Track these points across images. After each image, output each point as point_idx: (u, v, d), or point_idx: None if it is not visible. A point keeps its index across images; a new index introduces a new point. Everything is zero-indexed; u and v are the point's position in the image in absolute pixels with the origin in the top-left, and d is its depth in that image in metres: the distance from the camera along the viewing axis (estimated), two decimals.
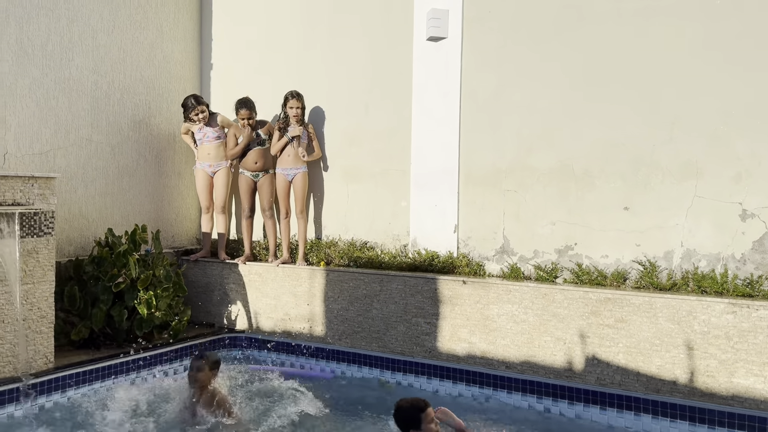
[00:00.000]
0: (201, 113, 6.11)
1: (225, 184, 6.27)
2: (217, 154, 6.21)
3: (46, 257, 4.59)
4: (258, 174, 6.08)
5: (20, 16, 5.19)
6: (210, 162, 6.22)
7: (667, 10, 4.49)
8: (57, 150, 5.50)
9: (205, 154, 6.22)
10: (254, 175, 6.08)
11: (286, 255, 5.89)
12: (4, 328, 4.31)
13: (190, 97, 6.15)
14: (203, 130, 6.19)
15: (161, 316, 5.26)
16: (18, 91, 5.19)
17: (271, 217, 6.10)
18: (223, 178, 6.25)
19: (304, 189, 5.88)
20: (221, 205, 6.28)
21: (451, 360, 4.88)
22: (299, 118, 5.80)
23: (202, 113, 6.12)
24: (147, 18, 6.31)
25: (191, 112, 6.12)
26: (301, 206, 5.88)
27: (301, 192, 5.87)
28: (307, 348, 5.46)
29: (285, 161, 5.86)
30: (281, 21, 6.41)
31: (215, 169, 6.24)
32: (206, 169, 6.26)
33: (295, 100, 5.77)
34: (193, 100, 6.11)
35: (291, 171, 5.87)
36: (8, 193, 4.33)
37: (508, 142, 5.11)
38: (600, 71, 4.73)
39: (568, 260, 4.83)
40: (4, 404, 4.13)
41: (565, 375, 4.44)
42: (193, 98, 6.13)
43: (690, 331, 4.04)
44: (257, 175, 6.08)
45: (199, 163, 6.30)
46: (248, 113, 5.93)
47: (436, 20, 5.29)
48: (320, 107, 6.12)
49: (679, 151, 4.44)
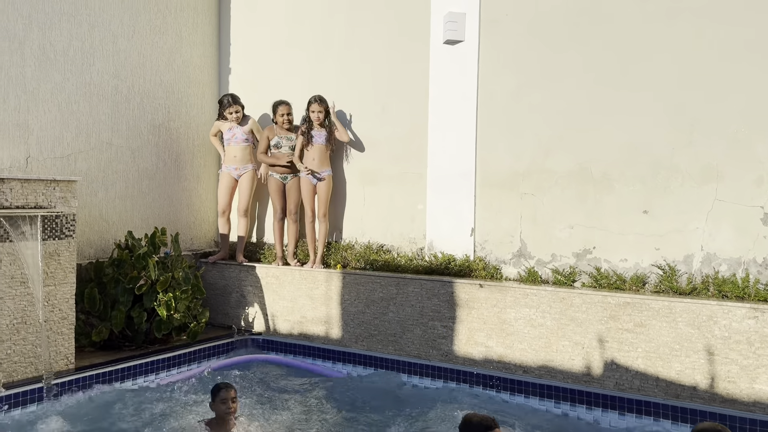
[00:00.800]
0: (235, 113, 6.20)
1: (249, 188, 6.31)
2: (243, 157, 6.26)
3: (67, 259, 4.66)
4: (287, 177, 6.09)
5: (43, 22, 5.28)
6: (236, 165, 6.28)
7: (688, 13, 4.45)
8: (78, 154, 5.58)
9: (232, 156, 6.28)
10: (283, 177, 6.10)
11: (313, 257, 5.90)
12: (26, 329, 4.38)
13: (227, 95, 6.28)
14: (233, 130, 6.26)
15: (180, 317, 5.31)
16: (40, 95, 5.27)
17: (295, 221, 6.10)
18: (248, 182, 6.30)
19: (328, 192, 5.89)
20: (244, 208, 6.32)
21: (468, 364, 4.86)
22: (321, 122, 5.82)
23: (236, 113, 6.21)
24: (166, 23, 6.39)
25: (226, 110, 6.21)
26: (324, 209, 5.87)
27: (324, 195, 5.87)
28: (323, 350, 5.48)
29: (310, 165, 5.83)
30: (299, 26, 6.45)
31: (241, 172, 6.29)
32: (231, 172, 6.31)
33: (317, 104, 5.79)
34: (229, 98, 6.23)
35: (318, 174, 5.85)
36: (31, 197, 4.40)
37: (525, 144, 5.09)
38: (619, 74, 4.70)
39: (587, 264, 4.80)
40: (26, 404, 4.19)
41: (583, 379, 4.40)
42: (230, 96, 6.25)
43: (710, 336, 4.00)
44: (286, 178, 6.10)
45: (224, 166, 6.36)
46: (287, 108, 6.02)
47: (453, 23, 5.29)
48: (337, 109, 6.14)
49: (699, 154, 4.40)
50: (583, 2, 4.85)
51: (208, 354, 5.47)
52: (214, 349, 5.53)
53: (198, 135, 6.76)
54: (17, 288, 4.32)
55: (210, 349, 5.50)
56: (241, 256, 6.29)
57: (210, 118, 6.89)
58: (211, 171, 6.94)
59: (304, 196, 5.94)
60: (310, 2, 6.38)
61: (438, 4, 5.50)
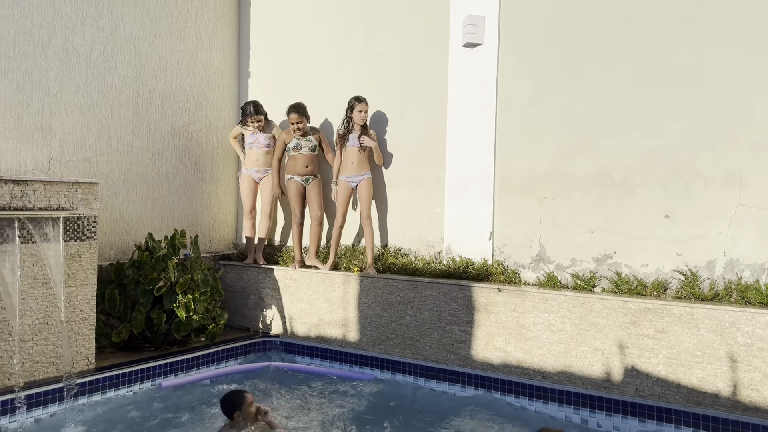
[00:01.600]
0: (257, 122, 6.24)
1: (271, 190, 6.34)
2: (265, 160, 6.32)
3: (88, 261, 4.71)
4: (308, 179, 6.08)
5: (66, 26, 5.35)
6: (258, 168, 6.32)
7: (710, 16, 4.39)
8: (100, 156, 5.64)
9: (254, 159, 6.31)
10: (304, 179, 6.08)
11: (333, 259, 5.85)
12: (48, 329, 4.43)
13: (250, 104, 6.27)
14: (256, 134, 6.30)
15: (199, 319, 5.34)
16: (63, 98, 5.34)
17: (320, 224, 6.08)
18: (269, 185, 6.33)
19: (369, 195, 5.74)
20: (266, 210, 6.38)
21: (486, 368, 4.84)
22: (365, 123, 5.73)
23: (258, 122, 6.25)
24: (187, 27, 6.44)
25: (248, 119, 6.23)
26: (367, 212, 5.72)
27: (366, 198, 5.73)
28: (340, 353, 5.48)
29: (349, 168, 5.75)
30: (318, 29, 6.48)
31: (262, 176, 6.34)
32: (253, 175, 6.36)
33: (363, 104, 5.69)
34: (252, 108, 6.22)
35: (355, 178, 5.75)
36: (53, 198, 4.46)
37: (545, 148, 5.06)
38: (641, 77, 4.65)
39: (607, 269, 4.75)
40: (47, 404, 4.23)
41: (603, 386, 4.36)
42: (252, 105, 6.24)
43: (733, 343, 3.94)
44: (306, 180, 6.08)
45: (245, 168, 6.39)
46: (298, 117, 5.93)
47: (473, 26, 5.27)
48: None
49: (722, 158, 4.34)
50: (605, 6, 4.81)
51: (227, 356, 5.49)
52: (232, 351, 5.56)
53: (218, 138, 6.81)
54: (39, 289, 4.38)
55: (228, 351, 5.52)
56: (261, 258, 6.31)
57: (229, 121, 6.94)
58: (230, 174, 6.98)
59: (339, 201, 5.81)
60: (329, 6, 6.41)
61: (457, 7, 5.49)
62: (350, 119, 5.73)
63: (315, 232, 6.10)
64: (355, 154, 5.73)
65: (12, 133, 5.00)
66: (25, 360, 4.30)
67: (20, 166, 5.04)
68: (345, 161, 5.79)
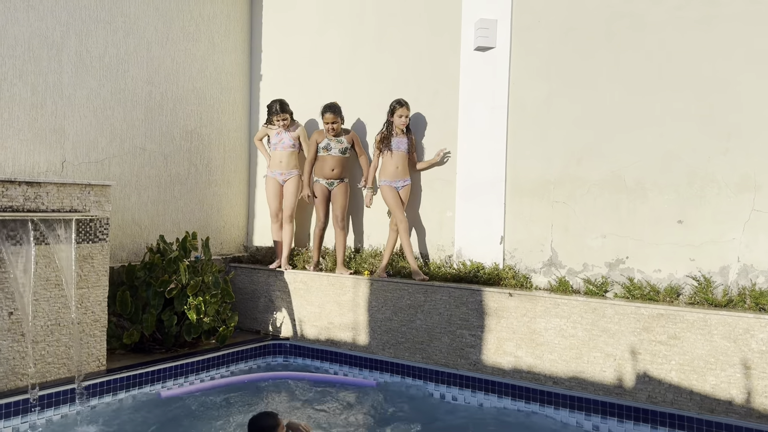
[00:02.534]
0: (283, 120, 6.12)
1: (294, 193, 6.20)
2: (289, 162, 6.19)
3: (100, 263, 4.73)
4: (333, 182, 5.96)
5: (80, 29, 5.39)
6: (281, 170, 6.20)
7: (724, 19, 4.36)
8: (112, 158, 5.67)
9: (277, 161, 6.20)
10: (329, 183, 5.97)
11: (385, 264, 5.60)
12: (60, 330, 4.46)
13: (276, 102, 6.15)
14: (281, 135, 6.19)
15: (209, 321, 5.35)
16: (76, 101, 5.38)
17: (343, 228, 5.94)
18: (293, 187, 6.19)
19: (407, 201, 5.66)
20: (289, 213, 6.20)
21: (497, 373, 4.81)
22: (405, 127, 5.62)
23: (284, 120, 6.12)
24: (199, 30, 6.47)
25: (274, 117, 6.13)
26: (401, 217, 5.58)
27: (405, 203, 5.65)
28: (350, 357, 5.47)
29: (392, 173, 5.60)
30: (329, 32, 6.49)
31: (286, 177, 6.21)
32: (277, 177, 6.23)
33: (404, 108, 5.56)
34: (278, 106, 6.11)
35: (400, 183, 5.61)
36: (66, 200, 4.48)
37: (557, 152, 5.04)
38: (653, 81, 4.62)
39: (619, 274, 4.72)
40: (58, 405, 4.25)
41: (614, 392, 4.33)
42: (279, 104, 6.13)
43: (747, 350, 3.89)
44: (332, 183, 5.96)
45: (269, 171, 6.29)
46: (333, 117, 5.80)
47: (485, 30, 5.26)
48: (365, 117, 6.15)
49: (736, 162, 4.30)
50: (617, 9, 4.79)
51: (237, 358, 5.50)
52: (242, 354, 5.57)
53: (229, 141, 6.83)
54: (52, 290, 4.40)
55: (239, 354, 5.53)
56: (286, 263, 6.16)
57: (241, 124, 6.97)
58: (242, 176, 7.00)
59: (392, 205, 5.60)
60: (340, 10, 6.42)
61: (469, 11, 5.48)
62: (391, 123, 5.62)
63: (340, 239, 5.93)
64: (400, 158, 5.60)
65: (26, 135, 5.03)
66: (37, 361, 4.32)
67: (34, 167, 5.08)
68: (388, 165, 5.62)
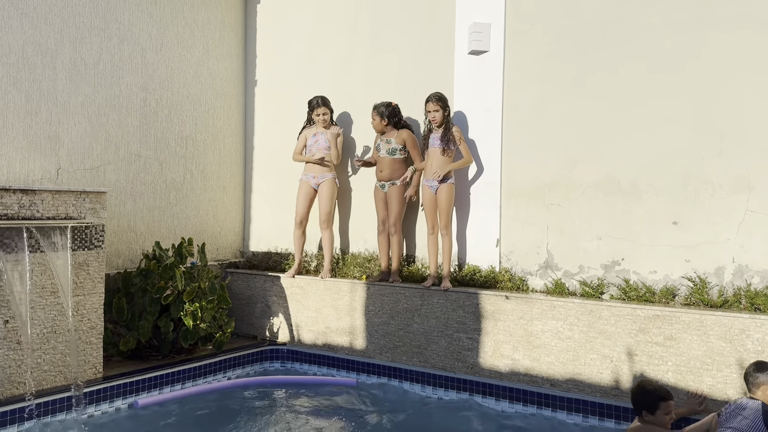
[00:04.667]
0: (323, 114, 5.90)
1: (329, 197, 5.92)
2: (322, 165, 5.93)
3: (96, 269, 4.72)
4: (384, 185, 5.64)
5: (74, 36, 5.39)
6: (314, 173, 5.95)
7: (718, 22, 4.39)
8: (107, 165, 5.67)
9: (310, 164, 5.99)
10: (381, 185, 5.66)
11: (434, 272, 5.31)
12: (56, 338, 4.44)
13: (317, 97, 5.96)
14: (317, 136, 5.96)
15: (206, 327, 5.34)
16: (71, 108, 5.37)
17: (397, 232, 5.57)
18: (328, 191, 5.92)
19: (449, 202, 5.27)
20: (325, 219, 5.92)
21: (494, 376, 4.82)
22: (439, 122, 5.26)
23: (324, 115, 5.90)
24: (194, 36, 6.48)
25: (314, 111, 5.93)
26: (446, 220, 5.26)
27: (446, 205, 5.25)
28: (347, 361, 5.47)
29: (428, 172, 5.33)
30: (323, 37, 6.50)
31: (319, 181, 5.94)
32: (310, 181, 5.98)
33: (431, 103, 5.26)
34: (319, 100, 5.92)
35: (436, 183, 5.28)
36: (61, 208, 4.48)
37: (552, 155, 5.05)
38: (647, 83, 4.65)
39: (615, 276, 4.73)
40: (55, 412, 4.23)
41: (612, 393, 4.33)
42: (320, 98, 5.94)
43: (743, 350, 3.91)
44: (383, 186, 5.64)
45: (304, 174, 6.04)
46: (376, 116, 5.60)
47: (478, 34, 5.28)
48: (361, 122, 6.15)
49: (730, 164, 4.32)
50: (611, 12, 4.82)
51: (234, 364, 5.49)
52: (239, 359, 5.56)
53: (224, 146, 6.83)
54: (47, 298, 4.39)
55: (235, 359, 5.52)
56: (328, 273, 5.86)
57: (236, 129, 6.97)
58: (237, 182, 7.00)
59: (425, 207, 5.38)
60: (334, 14, 6.43)
61: (463, 15, 5.50)
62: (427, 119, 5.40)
63: (394, 244, 5.59)
64: (436, 156, 5.29)
65: (20, 143, 5.03)
66: (33, 369, 4.30)
67: (29, 175, 5.07)
68: (426, 164, 5.39)
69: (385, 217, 5.65)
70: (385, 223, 5.66)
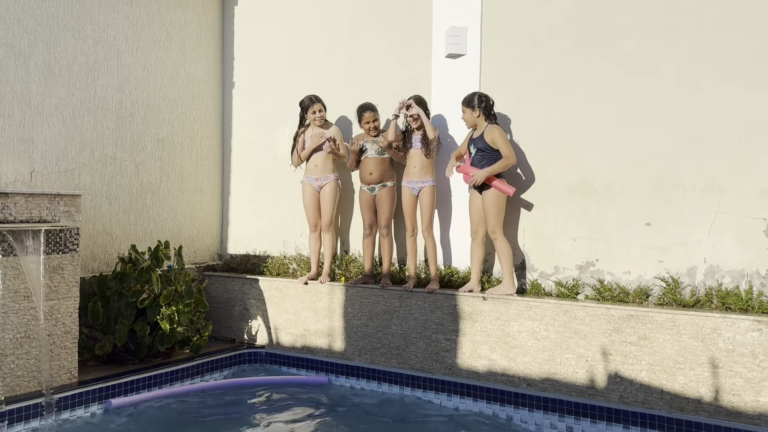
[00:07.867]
0: (319, 112, 5.72)
1: (332, 199, 5.76)
2: (325, 166, 5.74)
3: (71, 273, 4.67)
4: (374, 187, 5.52)
5: (48, 38, 5.32)
6: (317, 175, 5.76)
7: (689, 25, 4.47)
8: (82, 168, 5.60)
9: (313, 166, 5.78)
10: (370, 188, 5.54)
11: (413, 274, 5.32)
12: (29, 343, 4.38)
13: (307, 96, 5.79)
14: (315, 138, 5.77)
15: (183, 331, 5.31)
16: (45, 110, 5.31)
17: (388, 234, 5.50)
18: (330, 193, 5.75)
19: (431, 204, 5.25)
20: (328, 222, 5.77)
21: (472, 377, 4.85)
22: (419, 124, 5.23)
23: (320, 112, 5.72)
24: (170, 38, 6.44)
25: (308, 110, 5.73)
26: (428, 222, 5.25)
27: (428, 207, 5.24)
28: (326, 363, 5.47)
29: (411, 173, 5.29)
30: (301, 39, 6.50)
31: (322, 183, 5.76)
32: (313, 183, 5.79)
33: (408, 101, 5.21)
34: (312, 96, 5.76)
35: (417, 184, 5.25)
36: (35, 211, 4.42)
37: (527, 157, 5.10)
38: (621, 86, 4.72)
39: (590, 276, 4.80)
40: (28, 419, 4.18)
41: (587, 393, 4.39)
42: (312, 96, 5.77)
43: (714, 349, 3.98)
44: (373, 189, 5.52)
45: (305, 177, 5.85)
46: (373, 116, 5.51)
47: (455, 37, 5.32)
48: (341, 122, 6.16)
49: (702, 166, 4.40)
50: (585, 16, 4.88)
51: (212, 368, 5.46)
52: (217, 363, 5.53)
53: (201, 148, 6.79)
54: (21, 302, 4.33)
55: (213, 363, 5.49)
56: (327, 277, 5.72)
57: (213, 132, 6.93)
58: (215, 184, 6.97)
59: (404, 208, 5.37)
60: (313, 17, 6.43)
61: (440, 19, 5.54)
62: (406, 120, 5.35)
63: (385, 246, 5.53)
64: (417, 157, 5.27)
65: None
66: (6, 375, 4.24)
67: (1, 178, 5.00)
68: (407, 165, 5.35)
69: (372, 221, 5.58)
70: (372, 227, 5.59)
